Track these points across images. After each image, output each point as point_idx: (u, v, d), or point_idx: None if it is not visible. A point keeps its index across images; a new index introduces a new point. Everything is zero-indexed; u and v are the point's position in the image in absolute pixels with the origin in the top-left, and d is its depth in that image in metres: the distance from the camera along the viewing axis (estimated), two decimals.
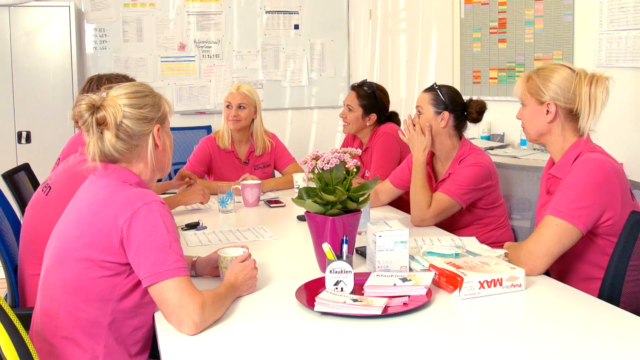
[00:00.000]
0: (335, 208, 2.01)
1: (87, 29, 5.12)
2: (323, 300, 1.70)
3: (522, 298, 1.83)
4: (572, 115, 2.07)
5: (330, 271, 1.82)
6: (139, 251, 1.59)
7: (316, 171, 2.04)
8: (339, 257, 1.89)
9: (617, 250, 1.86)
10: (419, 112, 2.78)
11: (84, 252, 1.63)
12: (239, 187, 3.18)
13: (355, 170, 2.03)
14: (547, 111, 2.08)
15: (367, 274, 1.89)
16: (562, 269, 2.14)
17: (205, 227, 2.72)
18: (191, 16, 5.36)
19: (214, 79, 5.46)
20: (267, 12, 5.51)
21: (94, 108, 1.70)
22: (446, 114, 2.74)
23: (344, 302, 1.69)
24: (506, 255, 2.06)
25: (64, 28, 4.73)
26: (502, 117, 4.68)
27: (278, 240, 2.51)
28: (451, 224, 2.79)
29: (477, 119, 2.77)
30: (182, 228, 2.70)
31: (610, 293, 1.86)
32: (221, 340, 1.57)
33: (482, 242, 2.41)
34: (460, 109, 2.76)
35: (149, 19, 5.27)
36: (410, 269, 2.03)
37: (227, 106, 3.61)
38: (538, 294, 1.85)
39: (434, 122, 2.75)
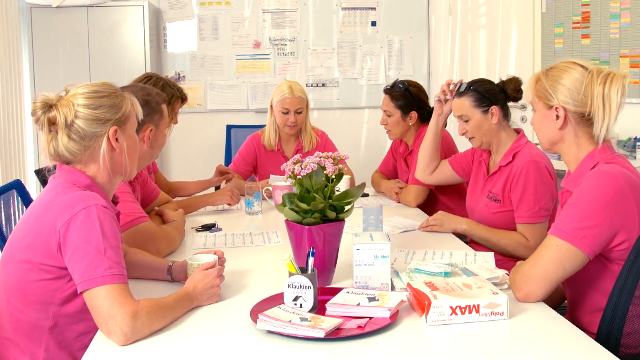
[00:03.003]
0: (312, 217, 1.87)
1: (164, 28, 5.24)
2: (266, 318, 1.57)
3: (504, 329, 1.60)
4: (586, 120, 1.80)
5: (289, 285, 1.68)
6: (74, 256, 1.55)
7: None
8: (304, 270, 1.74)
9: (619, 281, 1.59)
10: (466, 120, 2.55)
11: (25, 254, 1.60)
12: (270, 188, 3.09)
13: (334, 177, 1.87)
14: (557, 116, 1.82)
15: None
16: (573, 296, 1.88)
17: (220, 229, 2.65)
18: (266, 14, 5.34)
19: (289, 76, 5.41)
20: (343, 8, 5.39)
21: (47, 107, 1.67)
22: (494, 108, 2.51)
23: (289, 321, 1.56)
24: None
25: (139, 27, 4.86)
26: None
27: (282, 247, 2.39)
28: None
29: (517, 97, 2.55)
30: (197, 229, 2.65)
31: (609, 332, 1.59)
32: (151, 354, 1.49)
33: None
34: (502, 96, 2.53)
35: (224, 17, 5.31)
36: (393, 287, 1.85)
37: (284, 112, 3.46)
38: (524, 326, 1.61)
39: (485, 123, 2.53)
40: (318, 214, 1.88)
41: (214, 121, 5.35)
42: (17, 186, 2.61)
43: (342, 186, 3.26)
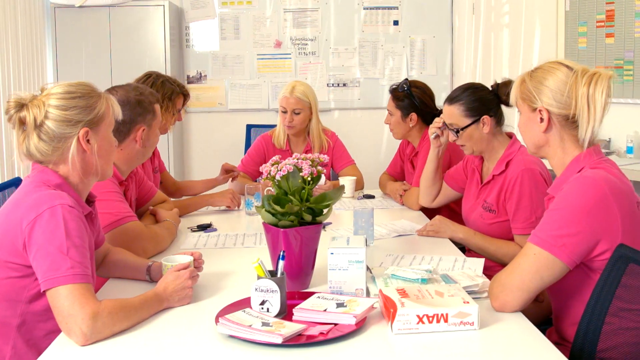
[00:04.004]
0: (288, 220, 1.84)
1: (186, 27, 5.27)
2: (227, 322, 1.54)
3: (473, 340, 1.54)
4: (571, 123, 1.72)
5: (256, 289, 1.66)
6: (37, 255, 1.55)
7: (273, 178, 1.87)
8: (274, 274, 1.71)
9: (594, 293, 1.51)
10: (456, 130, 2.48)
11: None
12: (272, 188, 3.06)
13: (310, 179, 1.84)
14: (541, 119, 1.74)
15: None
16: (557, 307, 1.80)
17: (215, 230, 2.64)
18: (287, 13, 5.33)
19: (310, 76, 5.39)
20: (365, 8, 5.33)
21: (19, 106, 1.67)
22: (486, 118, 2.43)
23: (250, 326, 1.53)
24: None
25: (159, 26, 4.89)
26: (609, 120, 4.10)
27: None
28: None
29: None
30: (192, 229, 2.64)
31: (582, 346, 1.51)
32: (109, 354, 1.48)
33: None
34: (494, 103, 2.44)
35: (245, 17, 5.31)
36: (368, 293, 1.80)
37: (283, 111, 3.47)
38: (495, 337, 1.55)
39: (476, 132, 2.45)
40: (294, 216, 1.84)
41: (235, 121, 5.35)
42: (17, 184, 2.64)
43: (347, 188, 3.23)
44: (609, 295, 1.50)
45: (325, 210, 1.89)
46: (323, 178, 3.22)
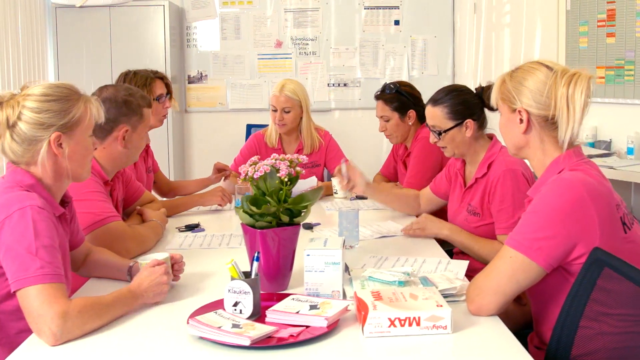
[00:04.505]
0: (265, 220, 1.82)
1: (187, 27, 5.27)
2: (197, 323, 1.53)
3: (446, 344, 1.52)
4: (551, 124, 1.69)
5: (229, 290, 1.64)
6: (7, 256, 1.55)
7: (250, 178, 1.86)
8: (248, 275, 1.70)
9: (568, 298, 1.48)
10: (438, 132, 2.45)
11: None
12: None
13: (288, 180, 1.82)
14: (520, 120, 1.72)
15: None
16: (536, 311, 1.77)
17: (202, 230, 2.63)
18: (288, 13, 5.31)
19: (310, 76, 5.37)
20: (365, 7, 5.31)
21: None
22: (469, 122, 2.40)
23: (219, 327, 1.51)
24: None
25: (159, 26, 4.90)
26: (610, 121, 4.09)
27: None
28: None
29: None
30: (180, 229, 2.63)
31: (556, 351, 1.49)
32: (79, 354, 1.48)
33: None
34: (478, 107, 2.41)
35: (246, 17, 5.31)
36: (345, 295, 1.78)
37: (273, 110, 3.48)
38: (468, 342, 1.52)
39: (459, 135, 2.42)
40: (272, 217, 1.83)
41: (235, 120, 5.35)
42: None
43: (339, 188, 3.21)
44: (582, 300, 1.47)
45: (303, 212, 1.87)
46: (314, 179, 3.23)
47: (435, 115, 2.43)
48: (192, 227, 2.64)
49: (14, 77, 4.37)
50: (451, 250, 2.63)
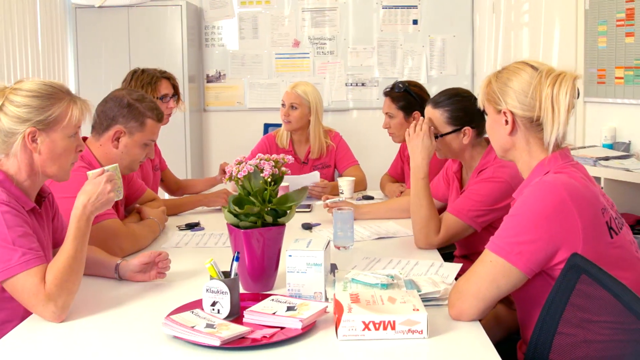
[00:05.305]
0: (249, 220, 1.82)
1: (205, 27, 5.30)
2: (171, 322, 1.53)
3: (421, 349, 1.49)
4: (536, 126, 1.66)
5: (207, 290, 1.64)
6: None
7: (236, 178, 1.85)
8: (227, 275, 1.69)
9: (546, 304, 1.45)
10: (435, 135, 2.39)
11: None
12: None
13: (270, 180, 1.81)
14: (506, 121, 1.68)
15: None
16: (521, 316, 1.73)
17: (202, 229, 2.64)
18: (306, 13, 5.31)
19: (328, 76, 5.36)
20: (384, 7, 5.27)
21: None
22: (467, 129, 2.35)
23: (192, 327, 1.51)
24: None
25: (177, 26, 4.93)
26: (629, 122, 3.99)
27: None
28: (468, 246, 2.42)
29: None
30: (180, 228, 2.65)
31: (533, 358, 1.45)
32: (52, 345, 1.50)
33: None
34: (479, 115, 2.36)
35: (264, 16, 5.31)
36: (327, 297, 1.77)
37: (282, 105, 3.51)
38: (444, 347, 1.50)
39: (455, 141, 2.38)
40: (256, 217, 1.82)
41: (253, 119, 5.36)
42: None
43: (345, 189, 3.20)
44: (560, 306, 1.43)
45: (288, 212, 1.86)
46: (317, 175, 3.22)
47: (435, 118, 2.39)
48: (192, 226, 2.66)
49: (33, 76, 4.44)
50: (452, 253, 2.59)
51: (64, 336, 1.57)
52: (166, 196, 3.48)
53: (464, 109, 2.35)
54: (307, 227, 2.63)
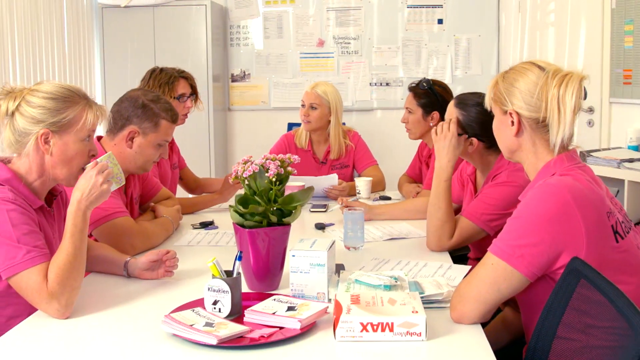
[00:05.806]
0: (254, 220, 1.83)
1: (230, 26, 5.34)
2: (170, 320, 1.55)
3: (419, 351, 1.48)
4: (543, 127, 1.63)
5: (209, 289, 1.66)
6: None
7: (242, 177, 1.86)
8: (230, 274, 1.70)
9: (544, 310, 1.42)
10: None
11: None
12: None
13: (276, 180, 1.81)
14: (512, 122, 1.66)
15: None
16: (525, 320, 1.71)
17: (216, 227, 2.66)
18: (330, 12, 5.30)
19: (352, 75, 5.35)
20: (408, 6, 5.24)
21: (5, 94, 1.75)
22: (475, 140, 2.29)
23: (191, 325, 1.53)
24: None
25: (202, 26, 4.97)
26: None
27: None
28: (482, 249, 2.39)
29: None
30: (194, 226, 2.67)
31: None
32: (60, 341, 1.53)
33: None
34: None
35: (289, 16, 5.32)
36: (329, 299, 1.77)
37: (302, 105, 3.51)
38: (442, 351, 1.48)
39: (464, 147, 2.34)
40: (262, 217, 1.83)
41: (277, 119, 5.37)
42: None
43: (363, 189, 3.19)
44: (559, 310, 1.41)
45: (294, 212, 1.87)
46: (335, 177, 3.21)
47: (451, 113, 2.35)
48: (206, 225, 2.68)
49: (60, 76, 4.52)
50: (466, 254, 2.57)
51: (67, 332, 1.60)
52: (188, 195, 3.51)
53: (479, 121, 2.27)
54: (321, 227, 2.63)
